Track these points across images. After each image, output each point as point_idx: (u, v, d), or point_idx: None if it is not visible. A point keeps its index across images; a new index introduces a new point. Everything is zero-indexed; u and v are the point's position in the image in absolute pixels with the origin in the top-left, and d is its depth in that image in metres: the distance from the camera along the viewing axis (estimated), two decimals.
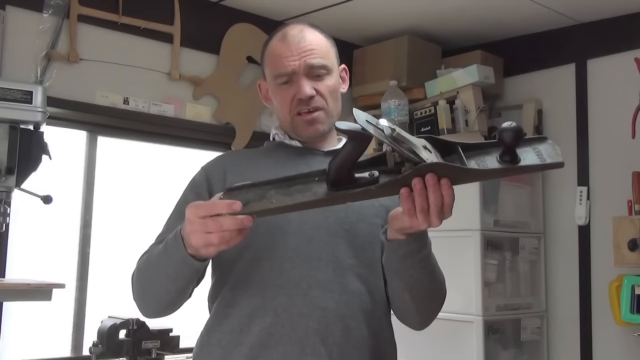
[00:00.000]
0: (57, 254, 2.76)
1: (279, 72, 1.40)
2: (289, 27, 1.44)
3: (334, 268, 1.31)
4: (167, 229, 1.40)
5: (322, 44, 1.42)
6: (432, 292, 1.34)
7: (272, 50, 1.43)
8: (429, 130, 3.16)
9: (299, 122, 1.40)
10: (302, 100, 1.38)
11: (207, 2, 3.07)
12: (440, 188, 1.10)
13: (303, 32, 1.42)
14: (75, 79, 2.69)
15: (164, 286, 1.29)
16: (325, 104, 1.40)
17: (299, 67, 1.38)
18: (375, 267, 1.36)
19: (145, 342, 2.41)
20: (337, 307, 1.29)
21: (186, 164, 2.96)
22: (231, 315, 1.32)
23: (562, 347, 3.17)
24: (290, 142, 1.46)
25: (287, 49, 1.39)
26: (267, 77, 1.47)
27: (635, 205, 2.81)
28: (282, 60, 1.39)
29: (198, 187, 1.41)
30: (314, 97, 1.38)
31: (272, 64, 1.42)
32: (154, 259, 1.30)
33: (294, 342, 1.27)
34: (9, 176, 2.09)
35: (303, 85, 1.37)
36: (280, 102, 1.42)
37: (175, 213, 1.43)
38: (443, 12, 3.14)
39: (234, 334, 1.31)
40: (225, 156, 1.52)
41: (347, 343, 1.29)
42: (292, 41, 1.40)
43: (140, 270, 1.35)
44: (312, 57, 1.39)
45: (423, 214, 1.11)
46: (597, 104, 3.14)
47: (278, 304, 1.29)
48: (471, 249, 2.91)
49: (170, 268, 1.25)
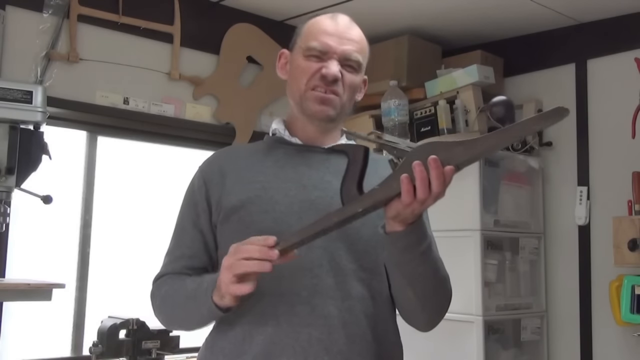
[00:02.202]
0: (57, 254, 2.76)
1: (314, 45, 1.37)
2: (338, 13, 1.45)
3: (334, 274, 1.30)
4: (175, 245, 1.43)
5: (364, 43, 1.43)
6: (436, 287, 1.31)
7: (317, 23, 1.41)
8: (429, 130, 3.16)
9: (311, 97, 1.37)
10: (325, 77, 1.35)
11: (207, 2, 3.07)
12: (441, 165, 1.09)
13: (353, 23, 1.43)
14: (75, 79, 2.69)
15: (190, 323, 1.39)
16: (342, 94, 1.38)
17: (336, 50, 1.37)
18: (378, 270, 1.34)
19: (145, 342, 2.41)
20: (339, 314, 1.28)
21: (186, 164, 2.96)
22: (234, 323, 1.31)
23: (562, 347, 3.17)
24: (290, 138, 1.43)
25: (334, 28, 1.39)
26: (297, 45, 1.43)
27: (635, 205, 2.80)
28: (324, 36, 1.38)
29: (197, 195, 1.41)
30: (337, 80, 1.36)
31: (311, 33, 1.40)
32: (182, 301, 1.35)
33: (298, 352, 1.26)
34: (9, 176, 2.09)
35: (334, 65, 1.36)
36: (300, 71, 1.39)
37: (178, 228, 1.45)
38: (443, 12, 3.14)
39: (237, 343, 1.30)
40: (222, 154, 1.48)
41: (352, 350, 1.28)
42: (341, 23, 1.41)
43: (166, 304, 1.40)
44: (352, 47, 1.38)
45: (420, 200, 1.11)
46: (597, 104, 3.14)
47: (280, 314, 1.28)
48: (471, 249, 2.91)
49: (196, 315, 1.33)
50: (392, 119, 3.14)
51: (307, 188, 1.36)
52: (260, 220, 1.32)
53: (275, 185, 1.36)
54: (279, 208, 1.33)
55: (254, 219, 1.33)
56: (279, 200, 1.34)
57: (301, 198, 1.34)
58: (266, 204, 1.34)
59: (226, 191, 1.38)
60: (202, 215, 1.39)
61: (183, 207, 1.45)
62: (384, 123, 3.18)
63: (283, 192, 1.35)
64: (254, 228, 1.29)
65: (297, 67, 1.40)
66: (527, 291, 3.18)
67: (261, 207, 1.34)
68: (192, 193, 1.43)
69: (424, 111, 3.23)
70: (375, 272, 1.34)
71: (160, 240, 1.61)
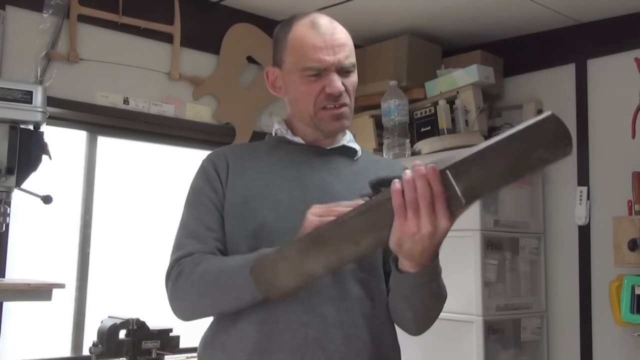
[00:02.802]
0: (57, 254, 2.76)
1: (310, 65, 1.33)
2: (315, 15, 1.39)
3: (333, 274, 1.28)
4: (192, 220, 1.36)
5: (350, 40, 1.40)
6: (436, 310, 1.33)
7: (303, 39, 1.35)
8: (429, 130, 3.16)
9: (325, 117, 1.36)
10: (331, 95, 1.34)
11: (207, 2, 3.07)
12: (427, 176, 1.04)
13: (333, 24, 1.38)
14: (75, 79, 2.69)
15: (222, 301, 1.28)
16: (349, 101, 1.38)
17: (332, 65, 1.33)
18: (376, 272, 1.34)
19: (145, 342, 2.41)
20: (337, 314, 1.28)
21: (186, 164, 2.96)
22: (235, 320, 1.31)
23: (562, 347, 3.17)
24: (293, 138, 1.43)
25: (320, 40, 1.34)
26: (288, 64, 1.38)
27: (635, 205, 2.80)
28: (316, 53, 1.33)
29: (213, 181, 1.38)
30: (342, 93, 1.35)
31: (302, 52, 1.35)
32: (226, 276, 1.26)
33: (294, 350, 1.26)
34: (9, 176, 2.10)
35: (335, 80, 1.34)
36: (304, 94, 1.36)
37: (193, 206, 1.38)
38: (443, 12, 3.14)
39: (236, 339, 1.30)
40: (227, 150, 1.48)
41: (349, 350, 1.28)
42: (326, 32, 1.35)
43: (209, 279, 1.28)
44: (345, 54, 1.35)
45: (412, 210, 1.05)
46: (597, 104, 3.14)
47: (279, 312, 1.27)
48: (471, 249, 2.91)
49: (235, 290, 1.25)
50: (392, 119, 3.14)
51: (309, 188, 1.36)
52: (263, 217, 1.32)
53: (278, 183, 1.37)
54: (282, 207, 1.34)
55: (256, 215, 1.33)
56: (282, 198, 1.34)
57: (303, 198, 1.34)
58: (269, 202, 1.34)
59: (230, 185, 1.37)
60: (221, 200, 1.37)
61: (195, 189, 1.40)
62: (384, 123, 3.19)
63: (286, 191, 1.36)
64: (256, 224, 1.30)
65: (297, 89, 1.38)
66: (527, 291, 3.18)
67: (264, 204, 1.34)
68: (207, 177, 1.39)
69: (424, 111, 3.23)
70: (374, 272, 1.34)
71: (161, 240, 1.61)
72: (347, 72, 1.37)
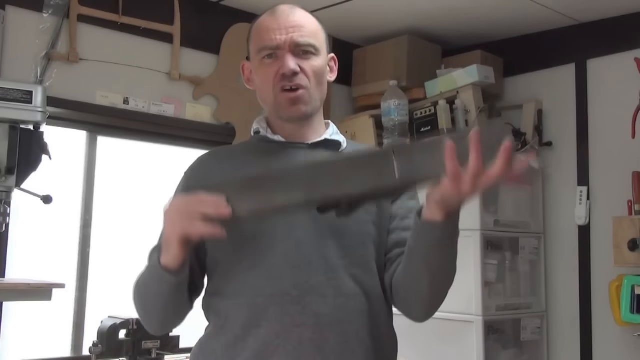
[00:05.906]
0: (57, 254, 2.76)
1: (263, 45, 1.34)
2: (279, 6, 1.40)
3: (325, 271, 1.27)
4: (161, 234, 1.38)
5: (312, 23, 1.39)
6: (449, 279, 1.29)
7: (259, 24, 1.38)
8: (429, 130, 3.16)
9: (282, 100, 1.34)
10: (286, 75, 1.32)
11: (207, 2, 3.07)
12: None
13: (294, 9, 1.38)
14: (75, 79, 2.69)
15: (153, 303, 1.32)
16: (309, 84, 1.34)
17: (284, 42, 1.33)
18: (368, 266, 1.32)
19: (145, 342, 2.41)
20: (331, 312, 1.26)
21: (186, 164, 2.95)
22: (225, 326, 1.30)
23: (562, 347, 3.17)
24: (273, 136, 1.41)
25: (274, 22, 1.35)
26: (251, 53, 1.40)
27: (635, 205, 2.81)
28: (269, 33, 1.34)
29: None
30: (297, 74, 1.33)
31: (257, 37, 1.37)
32: (143, 279, 1.33)
33: (289, 352, 1.24)
34: (9, 176, 2.09)
35: (287, 59, 1.32)
36: (263, 78, 1.36)
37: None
38: (443, 12, 3.14)
39: (229, 346, 1.28)
40: (205, 158, 1.46)
41: (345, 348, 1.26)
42: (281, 15, 1.36)
43: (136, 289, 1.36)
44: (299, 33, 1.34)
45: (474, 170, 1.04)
46: (597, 104, 3.14)
47: (271, 314, 1.25)
48: (471, 249, 2.91)
49: (153, 285, 1.29)
50: (392, 119, 3.14)
51: None
52: None
53: None
54: None
55: None
56: None
57: None
58: None
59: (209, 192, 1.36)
60: None
61: None
62: (383, 123, 3.18)
63: None
64: (241, 228, 1.27)
65: (258, 73, 1.38)
66: (527, 291, 3.18)
67: None
68: (182, 190, 1.41)
69: (424, 111, 3.23)
70: (366, 267, 1.32)
71: None
72: (305, 54, 1.35)
